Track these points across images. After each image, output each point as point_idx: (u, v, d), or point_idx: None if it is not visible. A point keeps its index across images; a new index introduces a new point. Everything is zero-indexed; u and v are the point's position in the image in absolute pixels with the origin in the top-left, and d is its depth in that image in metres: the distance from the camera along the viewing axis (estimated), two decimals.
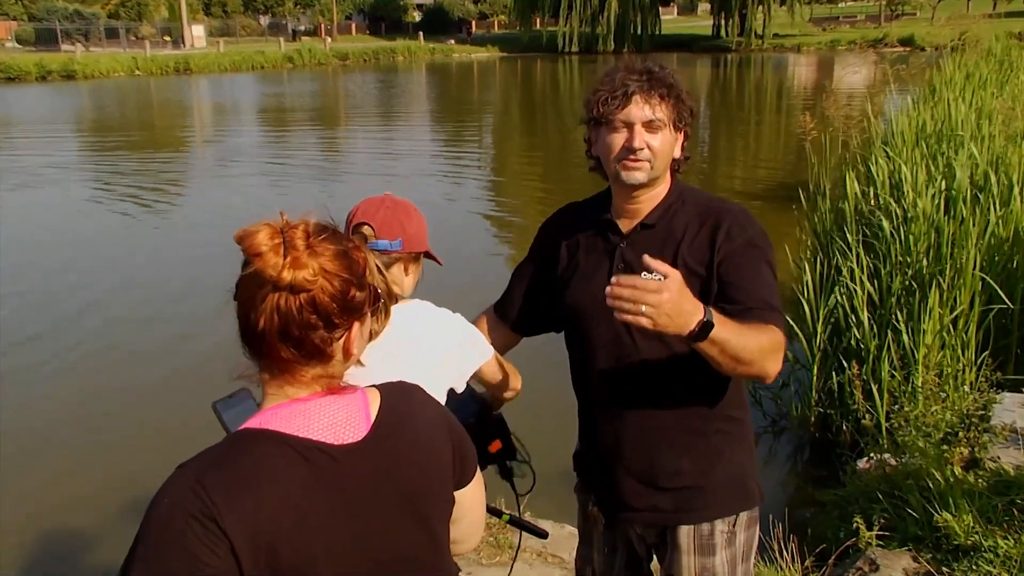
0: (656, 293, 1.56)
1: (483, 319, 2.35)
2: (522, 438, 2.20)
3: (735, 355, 1.72)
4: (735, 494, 2.07)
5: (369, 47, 54.64)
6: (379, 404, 1.32)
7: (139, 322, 7.57)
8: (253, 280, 1.20)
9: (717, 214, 1.98)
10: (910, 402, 4.18)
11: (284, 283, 1.19)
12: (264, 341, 1.22)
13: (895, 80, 8.84)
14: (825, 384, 4.87)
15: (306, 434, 1.22)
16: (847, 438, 4.61)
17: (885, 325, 4.67)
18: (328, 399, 1.27)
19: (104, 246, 10.43)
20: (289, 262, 1.19)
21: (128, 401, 5.97)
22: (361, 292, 1.27)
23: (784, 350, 1.87)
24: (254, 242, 1.18)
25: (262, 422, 1.23)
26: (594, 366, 2.07)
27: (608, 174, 2.03)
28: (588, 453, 2.19)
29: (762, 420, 5.09)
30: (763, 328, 1.80)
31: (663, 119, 1.94)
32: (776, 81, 34.46)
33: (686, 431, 2.03)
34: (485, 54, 57.25)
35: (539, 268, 2.23)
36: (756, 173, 13.90)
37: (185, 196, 13.84)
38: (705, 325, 1.63)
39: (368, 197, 1.99)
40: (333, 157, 18.02)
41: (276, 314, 1.20)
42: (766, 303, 1.88)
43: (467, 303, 2.24)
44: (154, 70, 43.70)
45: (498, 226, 11.26)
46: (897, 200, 5.62)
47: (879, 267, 5.03)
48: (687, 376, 1.94)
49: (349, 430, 1.26)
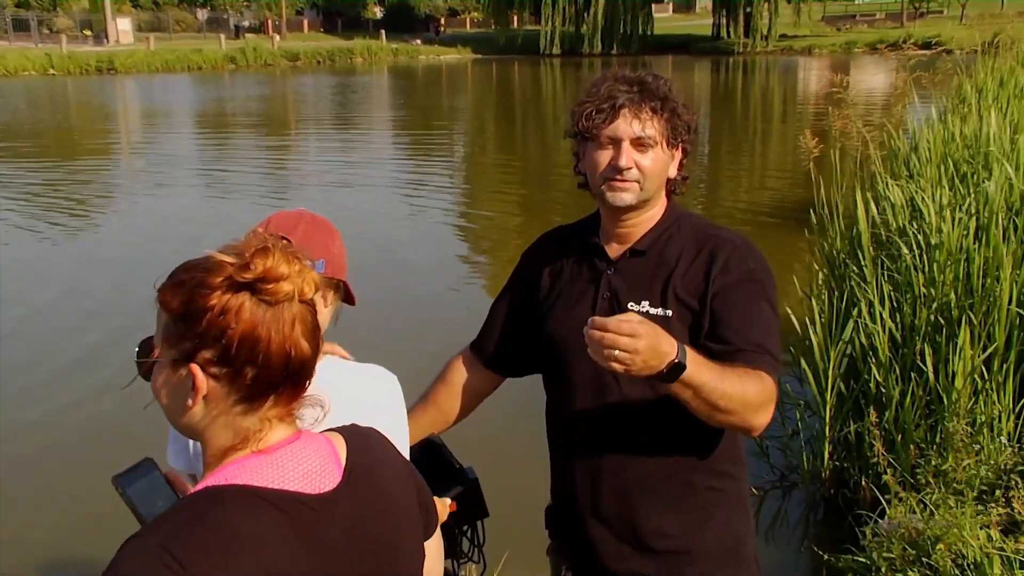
0: (631, 338, 1.58)
1: (458, 361, 2.36)
2: (491, 491, 2.18)
3: (712, 402, 1.74)
4: (728, 562, 2.07)
5: (323, 47, 54.83)
6: (346, 449, 1.33)
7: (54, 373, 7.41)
8: (277, 312, 1.22)
9: (715, 243, 2.00)
10: (939, 455, 4.18)
11: (304, 296, 1.24)
12: (302, 373, 1.26)
13: (918, 88, 8.97)
14: (840, 433, 4.86)
15: (281, 485, 1.22)
16: (866, 496, 4.59)
17: (908, 366, 4.68)
18: (299, 445, 1.28)
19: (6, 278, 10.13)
20: (307, 278, 1.24)
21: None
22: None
23: (775, 401, 1.88)
24: (271, 264, 1.20)
25: (227, 477, 1.21)
26: (571, 407, 2.07)
27: (594, 193, 2.06)
28: (562, 508, 2.18)
29: (768, 473, 5.07)
30: (750, 375, 1.81)
31: (654, 136, 1.96)
32: (784, 88, 34.94)
33: (672, 483, 2.02)
34: (456, 56, 57.65)
35: (520, 298, 2.25)
36: (762, 192, 14.04)
37: (107, 214, 13.70)
38: (675, 367, 1.65)
39: (280, 211, 1.97)
40: (281, 169, 17.99)
41: (297, 319, 1.23)
42: (759, 346, 1.89)
43: (437, 342, 2.23)
44: (72, 69, 43.48)
45: (471, 250, 11.25)
46: (917, 225, 5.67)
47: (901, 300, 5.06)
48: (674, 422, 1.93)
49: (324, 478, 1.27)
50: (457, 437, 2.40)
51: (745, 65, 46.05)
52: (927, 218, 5.48)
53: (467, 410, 2.37)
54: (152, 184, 15.88)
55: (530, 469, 2.66)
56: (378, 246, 10.52)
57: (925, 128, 8.12)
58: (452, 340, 2.43)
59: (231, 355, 1.19)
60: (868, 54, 44.39)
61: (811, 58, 48.77)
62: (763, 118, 26.08)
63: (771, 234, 10.33)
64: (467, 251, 11.22)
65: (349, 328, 1.98)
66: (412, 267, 9.97)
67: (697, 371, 1.69)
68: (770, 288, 1.99)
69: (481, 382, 2.34)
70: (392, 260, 10.06)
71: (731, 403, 1.76)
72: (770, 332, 1.94)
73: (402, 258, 10.32)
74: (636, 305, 1.99)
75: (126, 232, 12.12)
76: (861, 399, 4.80)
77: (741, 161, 17.95)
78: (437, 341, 5.12)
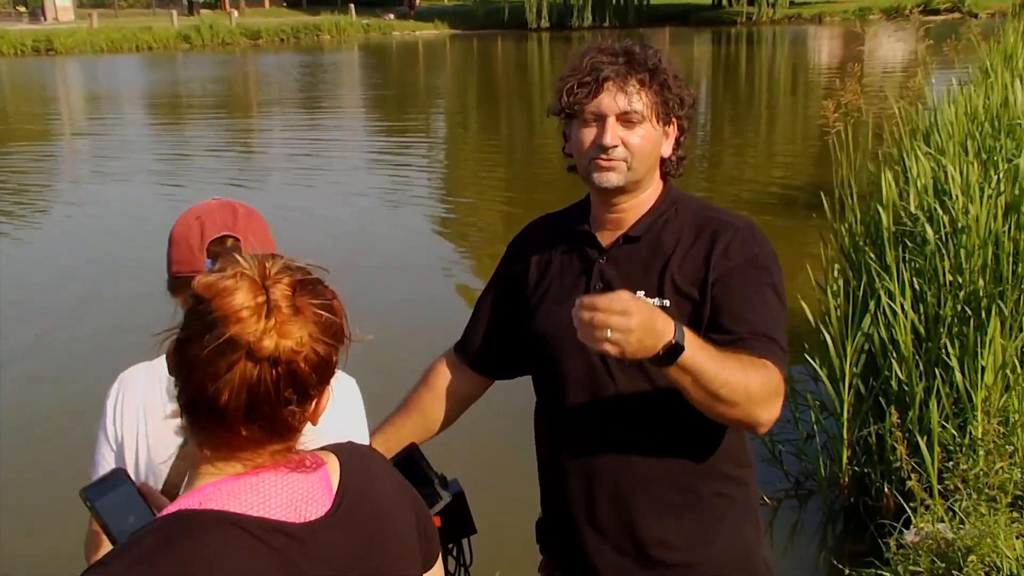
0: (623, 315, 1.58)
1: (441, 363, 2.37)
2: (478, 505, 2.17)
3: (712, 390, 1.74)
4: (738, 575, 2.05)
5: (287, 23, 54.61)
6: (339, 472, 1.32)
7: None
8: (220, 346, 1.16)
9: (715, 226, 2.01)
10: (968, 458, 4.18)
11: (265, 354, 1.16)
12: (224, 419, 1.19)
13: (938, 56, 8.98)
14: (859, 436, 4.86)
15: (262, 512, 1.20)
16: (889, 503, 4.60)
17: (933, 361, 4.69)
18: (285, 467, 1.26)
19: None
20: (275, 328, 1.16)
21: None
22: (338, 353, 1.27)
23: (782, 395, 1.88)
24: (233, 303, 1.15)
25: (202, 501, 1.19)
26: (563, 408, 2.07)
27: (581, 175, 2.06)
28: (554, 519, 2.18)
29: (782, 481, 5.08)
30: (755, 364, 1.81)
31: (642, 111, 1.96)
32: (792, 60, 35.06)
33: (674, 489, 2.02)
34: (433, 31, 57.55)
35: (507, 293, 2.25)
36: (769, 174, 14.06)
37: (51, 203, 13.65)
38: (672, 348, 1.65)
39: (204, 202, 1.98)
40: (244, 156, 17.94)
41: (246, 389, 1.17)
42: (764, 334, 1.89)
43: (418, 346, 2.22)
44: (4, 49, 43.10)
45: (452, 243, 11.23)
46: (943, 205, 5.68)
47: (924, 289, 5.07)
48: (676, 421, 1.94)
49: (311, 505, 1.25)
50: (441, 446, 2.39)
51: (750, 36, 46.17)
52: (953, 197, 5.48)
53: (452, 416, 2.37)
54: (96, 172, 15.86)
55: (521, 480, 2.65)
56: (349, 240, 10.51)
57: (947, 100, 8.13)
58: (433, 342, 2.42)
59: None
60: (884, 20, 44.51)
61: (821, 27, 48.93)
62: (768, 94, 26.14)
63: (779, 219, 10.35)
64: (447, 243, 11.20)
65: None
66: (387, 262, 9.94)
67: (696, 354, 1.69)
68: (776, 274, 1.99)
69: (467, 385, 2.34)
70: (365, 255, 10.03)
71: (734, 393, 1.76)
72: (776, 320, 1.94)
73: (376, 252, 10.30)
74: (641, 292, 1.99)
75: (65, 228, 12.09)
76: (881, 398, 4.81)
77: (745, 141, 17.98)
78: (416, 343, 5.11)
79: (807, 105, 21.79)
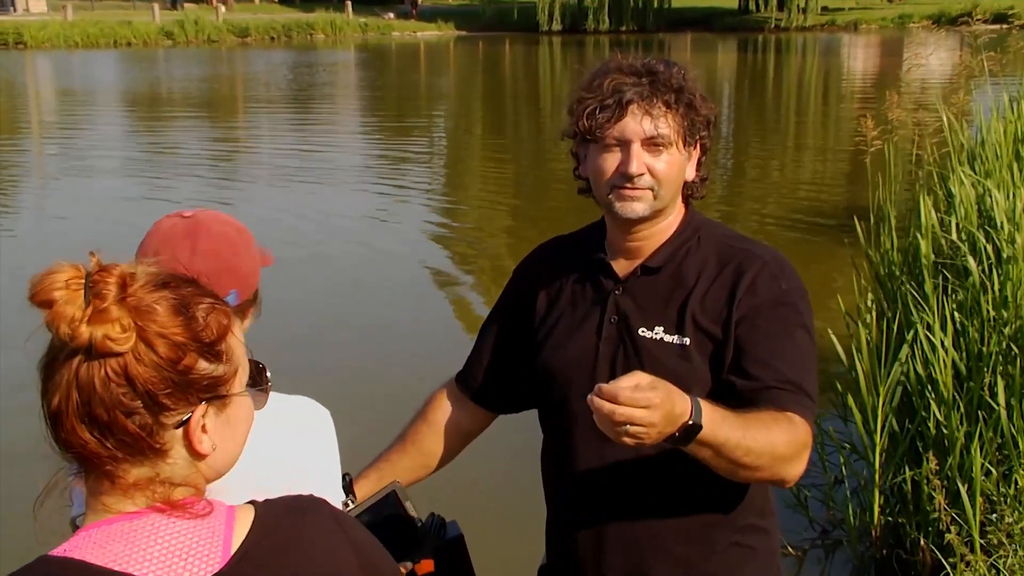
0: (647, 410, 1.56)
1: (441, 395, 2.37)
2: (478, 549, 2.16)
3: (735, 459, 1.74)
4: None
5: (278, 20, 55.00)
6: (249, 527, 1.25)
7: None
8: (50, 350, 1.19)
9: (741, 258, 2.01)
10: (1014, 510, 4.17)
11: (80, 342, 1.15)
12: (61, 425, 1.18)
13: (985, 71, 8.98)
14: (893, 482, 4.85)
15: (126, 567, 1.15)
16: (925, 558, 4.58)
17: (976, 402, 4.68)
18: (172, 515, 1.22)
19: None
20: (89, 314, 1.15)
21: None
22: (210, 364, 1.23)
23: (810, 448, 1.88)
24: (45, 286, 1.15)
25: (68, 549, 1.17)
26: (572, 449, 2.07)
27: (600, 203, 2.05)
28: (559, 568, 2.17)
29: (807, 529, 5.06)
30: (779, 421, 1.81)
31: (669, 135, 1.96)
32: (825, 72, 35.15)
33: (689, 541, 2.02)
34: (436, 32, 57.89)
35: (513, 322, 2.25)
36: (796, 196, 14.04)
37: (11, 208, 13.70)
38: (689, 429, 1.65)
39: (160, 221, 1.87)
40: (228, 159, 18.03)
41: (74, 387, 1.17)
42: (792, 383, 1.89)
43: (415, 376, 2.22)
44: None
45: (452, 265, 11.22)
46: (986, 234, 5.68)
47: (965, 323, 5.06)
48: (693, 468, 1.92)
49: (195, 563, 1.19)
50: (439, 484, 2.39)
51: (778, 44, 46.34)
52: (998, 224, 5.49)
53: (452, 452, 2.36)
54: (65, 172, 15.96)
55: (526, 522, 2.65)
56: (340, 259, 10.51)
57: (995, 118, 8.14)
58: (429, 373, 2.42)
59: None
60: (925, 29, 44.66)
61: (856, 35, 49.08)
62: (797, 109, 26.17)
63: (806, 241, 10.37)
64: (448, 265, 11.17)
65: (300, 360, 1.96)
66: (381, 283, 9.93)
67: (716, 429, 1.68)
68: (806, 313, 1.98)
69: (468, 419, 2.33)
70: (357, 275, 10.05)
71: (758, 459, 1.76)
72: (805, 366, 1.93)
73: (369, 271, 10.29)
74: (648, 331, 1.99)
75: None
76: (918, 441, 4.80)
77: (772, 160, 17.98)
78: (409, 375, 5.11)
79: (839, 119, 21.86)
